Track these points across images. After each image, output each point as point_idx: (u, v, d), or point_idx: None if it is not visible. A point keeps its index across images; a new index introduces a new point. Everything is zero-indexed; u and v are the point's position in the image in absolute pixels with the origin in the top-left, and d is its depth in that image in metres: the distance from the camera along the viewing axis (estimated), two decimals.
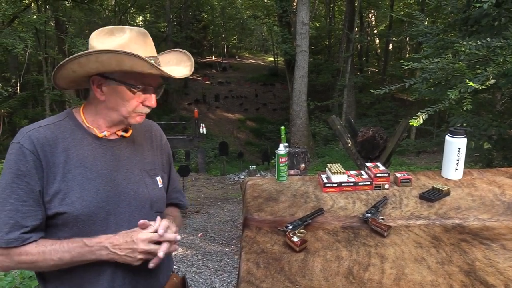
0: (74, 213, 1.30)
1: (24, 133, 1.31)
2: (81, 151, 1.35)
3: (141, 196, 1.43)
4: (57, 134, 1.34)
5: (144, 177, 1.46)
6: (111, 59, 1.27)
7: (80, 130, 1.38)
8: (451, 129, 2.04)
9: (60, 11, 17.18)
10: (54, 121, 1.37)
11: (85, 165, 1.34)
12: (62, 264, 1.29)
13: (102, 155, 1.38)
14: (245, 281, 1.25)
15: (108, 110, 1.38)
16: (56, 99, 16.09)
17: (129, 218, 1.39)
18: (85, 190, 1.32)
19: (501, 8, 3.43)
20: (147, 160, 1.51)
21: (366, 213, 1.62)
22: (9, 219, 1.26)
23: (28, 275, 3.48)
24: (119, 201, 1.38)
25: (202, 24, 34.00)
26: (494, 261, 1.32)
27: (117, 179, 1.39)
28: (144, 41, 1.35)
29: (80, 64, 1.30)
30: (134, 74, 1.32)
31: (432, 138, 12.16)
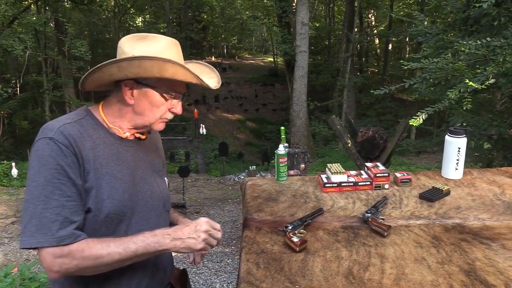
0: (104, 211, 1.31)
1: (55, 129, 1.27)
2: (106, 149, 1.36)
3: (156, 196, 1.48)
4: (82, 131, 1.33)
5: (156, 178, 1.51)
6: (153, 66, 1.29)
7: (102, 129, 1.38)
8: (451, 128, 2.04)
9: (59, 12, 17.15)
10: (76, 119, 1.36)
11: (110, 164, 1.35)
12: (125, 259, 1.27)
13: (123, 155, 1.40)
14: (245, 281, 1.25)
15: (135, 114, 1.39)
16: (55, 100, 16.10)
17: (147, 216, 1.43)
18: (113, 189, 1.33)
19: (500, 8, 3.43)
20: (155, 161, 1.56)
21: (366, 213, 1.61)
22: (56, 216, 1.22)
23: (28, 277, 3.47)
24: (138, 201, 1.41)
25: (202, 25, 34.02)
26: (494, 260, 1.32)
27: (135, 179, 1.42)
28: (178, 50, 1.39)
29: (120, 68, 1.30)
30: (167, 81, 1.35)
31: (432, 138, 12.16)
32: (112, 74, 1.32)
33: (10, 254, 5.46)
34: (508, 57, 2.81)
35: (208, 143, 18.99)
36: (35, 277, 3.51)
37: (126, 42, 1.36)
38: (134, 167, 1.43)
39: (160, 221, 1.49)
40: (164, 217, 1.53)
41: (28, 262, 5.01)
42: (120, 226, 1.36)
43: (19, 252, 5.53)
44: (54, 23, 17.25)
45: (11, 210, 7.57)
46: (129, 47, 1.34)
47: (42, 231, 1.20)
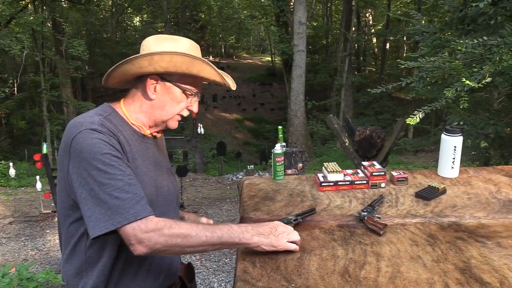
0: None
1: (96, 122, 1.31)
2: (132, 146, 1.40)
3: (171, 192, 1.55)
4: (113, 126, 1.36)
5: (169, 175, 1.58)
6: (183, 61, 1.37)
7: (126, 126, 1.43)
8: (447, 127, 2.05)
9: (57, 12, 17.13)
10: (105, 114, 1.38)
11: (138, 159, 1.40)
12: (209, 243, 1.30)
13: (146, 152, 1.46)
14: (241, 280, 1.26)
15: (154, 109, 1.44)
16: (53, 100, 16.06)
17: (165, 211, 1.48)
18: (143, 182, 1.37)
19: (497, 7, 3.44)
20: (166, 159, 1.63)
21: (362, 211, 1.62)
22: (126, 194, 1.24)
23: (26, 276, 3.47)
24: (159, 195, 1.46)
25: (200, 24, 33.98)
26: (490, 258, 1.32)
27: (156, 175, 1.47)
28: (199, 52, 1.48)
29: (151, 61, 1.35)
30: (190, 79, 1.42)
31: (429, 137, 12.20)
32: (142, 67, 1.37)
33: (8, 254, 5.46)
34: (504, 56, 2.81)
35: (206, 143, 18.99)
36: (33, 277, 3.51)
37: (152, 41, 1.44)
38: (154, 163, 1.48)
39: (175, 216, 1.57)
40: (177, 212, 1.62)
41: (26, 262, 5.00)
42: None
43: (16, 252, 5.53)
44: (52, 22, 17.23)
45: (9, 210, 7.56)
46: (155, 46, 1.41)
47: (117, 212, 1.22)
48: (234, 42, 43.08)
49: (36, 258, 5.29)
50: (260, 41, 47.09)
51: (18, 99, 18.00)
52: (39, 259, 5.26)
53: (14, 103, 17.32)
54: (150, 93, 1.41)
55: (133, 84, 1.45)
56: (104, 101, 1.54)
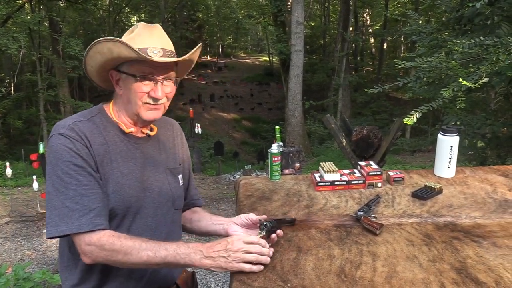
0: (110, 205, 1.36)
1: (66, 126, 1.35)
2: (115, 147, 1.41)
3: (165, 194, 1.51)
4: (93, 128, 1.39)
5: (168, 175, 1.54)
6: (103, 48, 1.34)
7: (112, 127, 1.44)
8: (444, 127, 2.05)
9: (54, 11, 17.08)
10: (88, 117, 1.42)
11: (118, 161, 1.40)
12: (152, 263, 1.29)
13: (132, 152, 1.45)
14: (237, 280, 1.25)
15: (125, 104, 1.44)
16: (50, 100, 16.02)
17: (153, 213, 1.47)
18: (119, 184, 1.38)
19: (494, 7, 3.44)
20: (170, 159, 1.58)
21: (359, 211, 1.62)
22: (76, 205, 1.28)
23: (22, 276, 3.46)
24: (145, 197, 1.44)
25: (197, 24, 33.98)
26: (485, 258, 1.32)
27: (144, 176, 1.45)
28: (150, 32, 1.41)
29: (91, 58, 1.39)
30: (138, 66, 1.37)
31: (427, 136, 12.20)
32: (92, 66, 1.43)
33: (4, 254, 5.44)
34: (501, 56, 2.82)
35: (204, 143, 18.98)
36: (29, 277, 3.50)
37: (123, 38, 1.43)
38: (144, 164, 1.47)
39: (168, 218, 1.53)
40: (172, 215, 1.56)
41: (23, 262, 4.99)
42: (124, 221, 1.41)
43: (13, 252, 5.51)
44: (49, 22, 17.15)
45: (5, 210, 7.53)
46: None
47: (64, 220, 1.27)
48: (232, 41, 43.07)
49: (32, 258, 5.28)
50: (258, 41, 47.07)
51: (15, 99, 17.94)
52: (36, 259, 5.24)
53: (11, 102, 17.25)
54: (118, 90, 1.44)
55: None
56: (101, 100, 1.55)
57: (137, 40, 1.37)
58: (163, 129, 1.62)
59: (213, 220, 1.64)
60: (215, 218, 1.65)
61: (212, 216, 1.68)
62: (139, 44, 1.36)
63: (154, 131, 1.55)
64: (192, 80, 30.28)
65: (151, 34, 1.40)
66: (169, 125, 1.68)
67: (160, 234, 1.48)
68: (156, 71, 1.39)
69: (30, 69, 20.06)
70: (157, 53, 1.37)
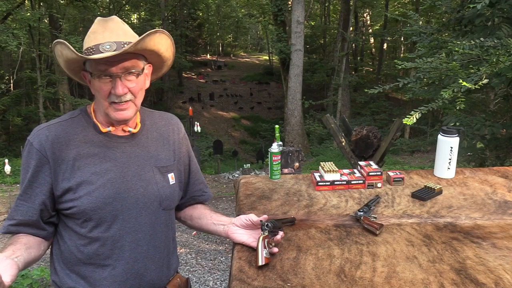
0: (82, 208, 1.34)
1: (35, 132, 1.37)
2: (91, 148, 1.38)
3: (150, 194, 1.44)
4: (69, 131, 1.38)
5: (155, 174, 1.47)
6: (57, 51, 1.33)
7: (91, 127, 1.41)
8: (444, 128, 2.05)
9: (54, 8, 17.04)
10: (67, 118, 1.42)
11: (94, 162, 1.37)
12: None
13: (112, 152, 1.41)
14: (237, 279, 1.25)
15: (98, 104, 1.41)
16: (49, 97, 16.02)
17: (137, 214, 1.41)
18: (92, 186, 1.35)
19: (494, 8, 3.45)
20: (161, 156, 1.51)
21: (359, 211, 1.62)
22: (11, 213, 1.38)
23: (20, 274, 3.46)
24: (127, 197, 1.39)
25: (197, 22, 33.96)
26: (485, 259, 1.33)
27: (127, 175, 1.41)
28: (104, 26, 1.34)
29: (58, 62, 1.38)
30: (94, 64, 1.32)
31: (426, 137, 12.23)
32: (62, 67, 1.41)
33: None
34: (501, 57, 2.82)
35: (203, 141, 18.98)
36: (27, 274, 3.49)
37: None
38: (127, 163, 1.42)
39: (154, 219, 1.46)
40: (159, 216, 1.48)
41: None
42: (101, 223, 1.36)
43: None
44: (49, 19, 17.14)
45: (4, 207, 7.53)
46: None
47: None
48: (232, 40, 43.09)
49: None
50: (258, 40, 47.09)
51: (14, 96, 17.92)
52: None
53: (10, 99, 17.24)
54: (92, 90, 1.39)
55: None
56: None
57: (91, 37, 1.33)
58: (157, 125, 1.55)
59: (213, 219, 1.60)
60: (215, 217, 1.61)
61: (213, 215, 1.63)
62: (92, 41, 1.31)
63: (137, 127, 1.47)
64: (191, 79, 30.29)
65: (104, 28, 1.33)
66: (165, 120, 1.60)
67: (144, 236, 1.43)
68: (112, 66, 1.31)
69: (29, 66, 20.04)
70: (109, 48, 1.29)
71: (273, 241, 1.37)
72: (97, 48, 1.30)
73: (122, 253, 1.39)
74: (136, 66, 1.35)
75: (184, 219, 1.71)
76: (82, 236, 1.37)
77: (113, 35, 1.32)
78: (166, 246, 1.53)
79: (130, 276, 1.41)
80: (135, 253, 1.41)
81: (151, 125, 1.53)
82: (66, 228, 1.40)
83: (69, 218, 1.38)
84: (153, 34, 1.32)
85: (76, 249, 1.38)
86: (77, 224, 1.37)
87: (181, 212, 1.72)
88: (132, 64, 1.34)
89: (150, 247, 1.45)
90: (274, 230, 1.40)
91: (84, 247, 1.38)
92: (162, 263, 1.51)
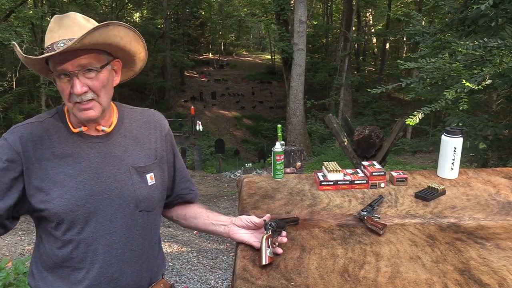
0: (53, 210, 1.30)
1: (11, 129, 1.33)
2: (66, 148, 1.34)
3: (126, 195, 1.39)
4: (43, 131, 1.34)
5: (132, 175, 1.41)
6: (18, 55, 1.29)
7: (66, 128, 1.37)
8: (447, 128, 2.05)
9: (56, 6, 17.11)
10: (43, 118, 1.38)
11: (68, 163, 1.33)
12: None
13: (86, 152, 1.36)
14: (241, 278, 1.26)
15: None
16: (52, 95, 16.03)
17: (111, 217, 1.37)
18: (65, 188, 1.31)
19: (498, 9, 3.44)
20: (139, 156, 1.44)
21: (362, 211, 1.62)
22: None
23: (22, 271, 3.47)
24: (101, 199, 1.35)
25: (200, 21, 33.98)
26: (489, 260, 1.32)
27: (101, 176, 1.36)
28: (59, 24, 1.28)
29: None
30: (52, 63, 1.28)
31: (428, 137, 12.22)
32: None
33: (4, 249, 5.45)
34: (505, 58, 2.82)
35: (205, 140, 19.01)
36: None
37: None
38: (102, 163, 1.37)
39: (131, 222, 1.41)
40: (136, 218, 1.42)
41: (23, 256, 5.00)
42: (74, 225, 1.33)
43: (13, 246, 5.52)
44: (51, 17, 17.17)
45: None
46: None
47: None
48: (234, 39, 43.09)
49: (32, 253, 5.29)
50: (260, 39, 47.08)
51: (17, 93, 17.93)
52: None
53: (12, 97, 17.25)
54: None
55: None
56: None
57: (48, 36, 1.28)
58: (137, 123, 1.49)
59: (211, 219, 1.57)
60: (213, 217, 1.57)
61: (210, 214, 1.59)
62: (49, 40, 1.27)
63: (111, 126, 1.42)
64: (193, 78, 30.30)
65: (59, 26, 1.27)
66: (148, 117, 1.53)
67: (119, 239, 1.38)
68: (68, 64, 1.25)
69: None
70: (62, 46, 1.23)
71: (276, 240, 1.37)
72: (52, 47, 1.25)
73: (95, 256, 1.35)
74: (94, 63, 1.28)
75: (177, 219, 1.67)
76: (56, 238, 1.34)
77: (68, 32, 1.26)
78: (145, 250, 1.47)
79: (104, 280, 1.37)
80: (109, 257, 1.37)
81: (130, 123, 1.48)
82: (45, 231, 1.37)
83: (43, 221, 1.35)
84: (104, 27, 1.24)
85: (52, 252, 1.36)
86: (51, 227, 1.34)
87: (172, 211, 1.67)
88: (89, 61, 1.27)
89: (126, 251, 1.40)
90: (277, 229, 1.40)
91: (58, 250, 1.35)
92: (140, 267, 1.45)
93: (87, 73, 1.27)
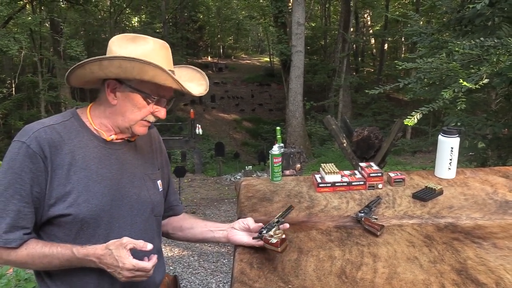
0: (80, 215, 1.30)
1: (30, 133, 1.28)
2: (87, 153, 1.34)
3: (143, 200, 1.44)
4: (63, 134, 1.32)
5: (146, 181, 1.47)
6: (134, 67, 1.26)
7: (86, 132, 1.37)
8: (444, 128, 2.05)
9: (55, 12, 17.11)
10: (59, 121, 1.35)
11: (90, 168, 1.33)
12: (51, 267, 1.31)
13: (107, 158, 1.38)
14: (239, 281, 1.26)
15: (116, 115, 1.37)
16: (51, 101, 16.06)
17: (131, 221, 1.40)
18: (90, 193, 1.31)
19: (494, 8, 3.45)
20: (148, 164, 1.51)
21: (360, 212, 1.62)
22: (11, 219, 1.25)
23: (23, 277, 3.47)
24: (122, 205, 1.38)
25: (198, 25, 34.00)
26: (486, 259, 1.33)
27: (121, 182, 1.39)
28: (166, 54, 1.37)
29: (101, 67, 1.29)
30: (151, 84, 1.32)
31: (427, 137, 12.20)
32: (93, 72, 1.31)
33: None
34: (502, 57, 2.82)
35: (205, 143, 19.00)
36: (30, 277, 3.50)
37: (116, 41, 1.35)
38: (121, 170, 1.40)
39: (147, 226, 1.46)
40: (152, 223, 1.48)
41: None
42: (98, 229, 1.34)
43: None
44: (50, 23, 17.21)
45: None
46: (118, 47, 1.33)
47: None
48: (233, 42, 43.07)
49: None
50: (259, 42, 47.08)
51: (16, 100, 17.97)
52: None
53: (12, 103, 17.29)
54: (110, 99, 1.35)
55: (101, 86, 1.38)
56: None
57: (155, 59, 1.30)
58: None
59: (209, 226, 1.59)
60: (211, 224, 1.60)
61: (207, 223, 1.62)
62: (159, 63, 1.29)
63: (134, 137, 1.47)
64: None
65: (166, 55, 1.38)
66: None
67: None
68: (167, 93, 1.38)
69: (31, 70, 20.11)
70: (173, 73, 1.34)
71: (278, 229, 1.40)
72: (173, 73, 1.35)
73: None
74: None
75: (173, 231, 1.67)
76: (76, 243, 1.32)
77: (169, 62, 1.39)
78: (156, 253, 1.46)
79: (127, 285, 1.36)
80: None
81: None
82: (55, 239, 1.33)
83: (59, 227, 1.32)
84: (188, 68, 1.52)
85: None
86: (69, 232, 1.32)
87: (166, 224, 1.67)
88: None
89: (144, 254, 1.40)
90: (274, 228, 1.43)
91: None
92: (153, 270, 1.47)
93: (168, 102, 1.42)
